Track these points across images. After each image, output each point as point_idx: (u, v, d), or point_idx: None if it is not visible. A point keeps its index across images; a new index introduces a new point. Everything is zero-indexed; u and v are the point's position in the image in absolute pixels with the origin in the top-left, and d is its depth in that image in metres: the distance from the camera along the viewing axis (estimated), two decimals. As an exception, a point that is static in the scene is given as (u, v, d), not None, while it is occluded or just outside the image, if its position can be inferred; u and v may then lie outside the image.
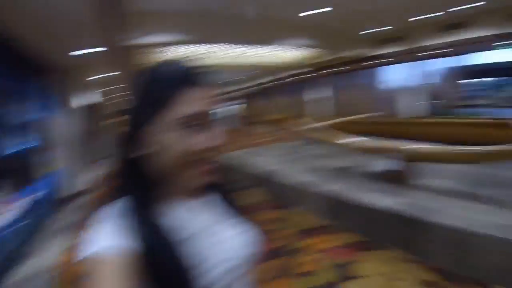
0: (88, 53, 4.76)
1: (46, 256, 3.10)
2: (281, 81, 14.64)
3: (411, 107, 9.73)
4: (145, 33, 5.62)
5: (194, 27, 6.26)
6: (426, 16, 7.80)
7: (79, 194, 5.19)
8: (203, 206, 0.61)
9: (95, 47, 4.41)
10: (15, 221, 3.17)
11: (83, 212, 4.30)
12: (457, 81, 9.79)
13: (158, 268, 0.49)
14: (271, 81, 15.22)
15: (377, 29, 8.86)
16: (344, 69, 11.31)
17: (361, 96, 11.22)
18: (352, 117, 5.18)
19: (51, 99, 4.91)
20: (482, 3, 6.84)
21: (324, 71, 11.93)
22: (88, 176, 5.72)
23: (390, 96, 10.36)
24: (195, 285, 0.50)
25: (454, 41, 8.22)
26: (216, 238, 0.58)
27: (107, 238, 0.48)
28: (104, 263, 0.46)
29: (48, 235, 3.68)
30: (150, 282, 0.48)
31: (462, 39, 8.06)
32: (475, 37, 7.79)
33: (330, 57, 10.61)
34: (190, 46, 7.31)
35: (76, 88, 5.63)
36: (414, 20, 8.14)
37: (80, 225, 3.70)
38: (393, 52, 9.54)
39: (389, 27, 8.76)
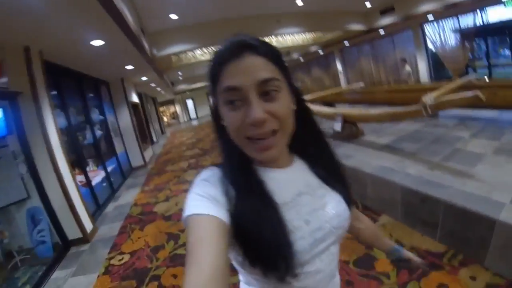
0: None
1: (124, 199, 5.20)
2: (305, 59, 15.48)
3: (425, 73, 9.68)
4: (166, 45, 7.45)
5: (203, 34, 7.61)
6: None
7: (139, 166, 7.57)
8: (293, 174, 0.60)
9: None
10: (102, 181, 5.30)
11: (144, 177, 6.46)
12: (471, 42, 8.25)
13: (252, 233, 0.47)
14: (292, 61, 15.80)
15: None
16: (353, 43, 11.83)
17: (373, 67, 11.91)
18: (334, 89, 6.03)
19: (109, 103, 7.03)
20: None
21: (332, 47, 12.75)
22: (143, 154, 7.93)
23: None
24: (288, 253, 0.48)
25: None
26: (308, 207, 0.56)
27: (203, 203, 0.48)
28: (199, 226, 0.44)
29: (123, 189, 5.86)
30: (244, 248, 0.49)
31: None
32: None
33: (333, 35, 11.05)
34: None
35: (125, 91, 7.62)
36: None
37: (143, 184, 5.82)
38: (397, 22, 9.41)
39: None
